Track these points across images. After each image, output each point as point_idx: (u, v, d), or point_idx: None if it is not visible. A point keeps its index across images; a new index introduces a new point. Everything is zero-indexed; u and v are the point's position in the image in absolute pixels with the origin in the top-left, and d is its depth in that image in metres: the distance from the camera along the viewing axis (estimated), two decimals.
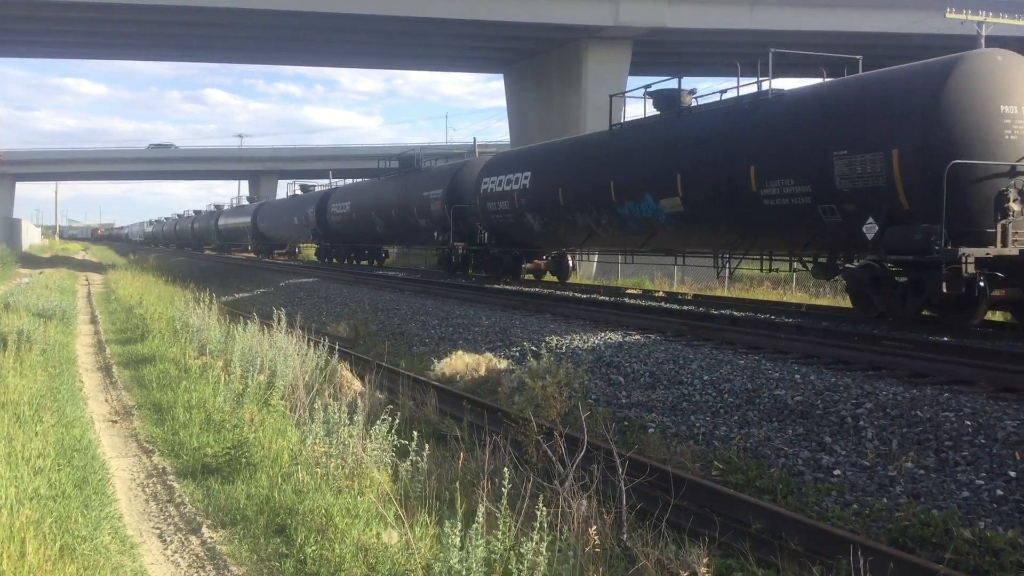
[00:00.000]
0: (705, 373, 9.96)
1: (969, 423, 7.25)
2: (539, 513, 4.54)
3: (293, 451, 7.32)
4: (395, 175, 32.02)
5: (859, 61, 14.88)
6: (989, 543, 5.60)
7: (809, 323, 13.20)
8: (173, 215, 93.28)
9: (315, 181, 56.44)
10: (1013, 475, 6.46)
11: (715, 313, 14.84)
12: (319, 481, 6.53)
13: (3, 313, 15.48)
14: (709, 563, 5.28)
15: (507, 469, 5.19)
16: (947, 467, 6.82)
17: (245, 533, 6.04)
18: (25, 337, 12.39)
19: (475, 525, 4.52)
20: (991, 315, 12.78)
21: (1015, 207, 11.14)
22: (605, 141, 19.28)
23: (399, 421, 7.24)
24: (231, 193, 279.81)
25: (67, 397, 10.09)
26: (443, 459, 7.42)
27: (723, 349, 11.22)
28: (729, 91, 16.10)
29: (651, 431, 8.81)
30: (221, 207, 70.40)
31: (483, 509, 4.66)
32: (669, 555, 5.48)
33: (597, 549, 5.08)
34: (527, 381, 10.36)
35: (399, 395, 9.95)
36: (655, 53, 42.99)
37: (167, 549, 5.86)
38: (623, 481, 6.02)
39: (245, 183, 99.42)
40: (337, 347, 11.24)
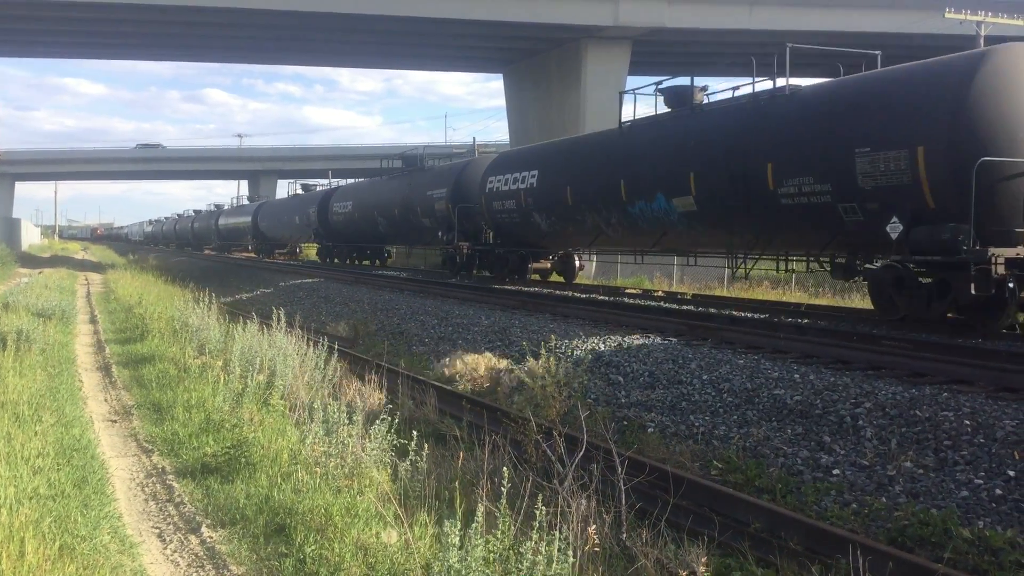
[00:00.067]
0: (704, 373, 9.96)
1: (968, 422, 7.26)
2: (538, 512, 4.55)
3: (292, 451, 7.32)
4: (398, 174, 31.79)
5: (877, 57, 14.47)
6: (988, 542, 5.60)
7: (810, 323, 13.21)
8: (173, 215, 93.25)
9: (315, 181, 56.41)
10: (1012, 474, 6.46)
11: (714, 313, 14.84)
12: (318, 481, 6.53)
13: (2, 313, 15.49)
14: (708, 562, 5.29)
15: (506, 469, 5.19)
16: (946, 466, 6.82)
17: (244, 532, 6.05)
18: (24, 337, 12.39)
19: (474, 524, 4.52)
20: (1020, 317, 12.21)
21: None
22: (615, 139, 18.85)
23: (399, 421, 7.24)
24: (230, 193, 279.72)
25: (66, 397, 10.09)
26: (442, 459, 7.42)
27: (722, 349, 11.22)
28: (741, 88, 15.77)
29: (650, 431, 8.81)
30: (221, 207, 70.25)
31: (482, 508, 4.66)
32: (668, 554, 5.49)
33: (596, 548, 5.09)
34: (526, 381, 10.36)
35: (398, 395, 9.96)
36: (655, 53, 43.00)
37: (166, 548, 5.87)
38: (622, 480, 6.03)
39: (244, 183, 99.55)
40: (336, 347, 11.24)
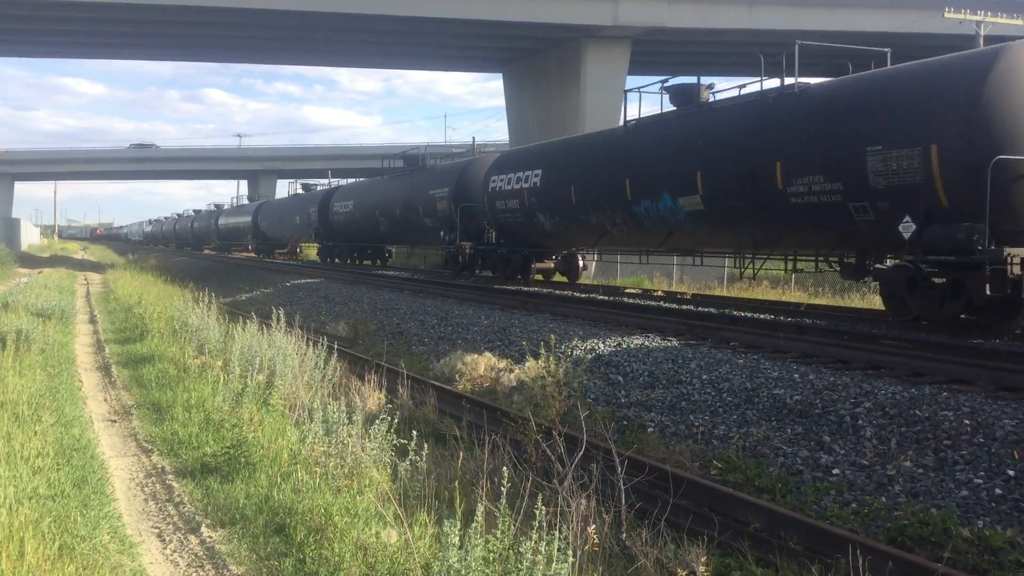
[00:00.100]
0: (704, 372, 9.96)
1: (968, 422, 7.26)
2: (538, 512, 4.54)
3: (292, 450, 7.32)
4: (400, 174, 31.56)
5: (887, 55, 14.27)
6: (988, 542, 5.61)
7: (809, 322, 13.20)
8: (172, 215, 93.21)
9: (315, 181, 56.41)
10: (1012, 474, 6.46)
11: (714, 312, 14.84)
12: (318, 480, 6.53)
13: (2, 313, 15.49)
14: (708, 562, 5.29)
15: (506, 468, 5.19)
16: (946, 466, 6.82)
17: (244, 532, 6.04)
18: (24, 337, 12.40)
19: (474, 524, 4.52)
20: None
21: None
22: (620, 138, 18.61)
23: (398, 420, 7.24)
24: (230, 193, 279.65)
25: (66, 396, 10.08)
26: (442, 458, 7.42)
27: (722, 348, 11.22)
28: (748, 86, 15.62)
29: (650, 430, 8.81)
30: (221, 206, 70.14)
31: (482, 508, 4.66)
32: (668, 554, 5.49)
33: (596, 548, 5.09)
34: (526, 380, 10.37)
35: (398, 394, 9.95)
36: (654, 53, 42.99)
37: (166, 548, 5.86)
38: (622, 480, 6.03)
39: (244, 183, 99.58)
40: (336, 346, 11.23)
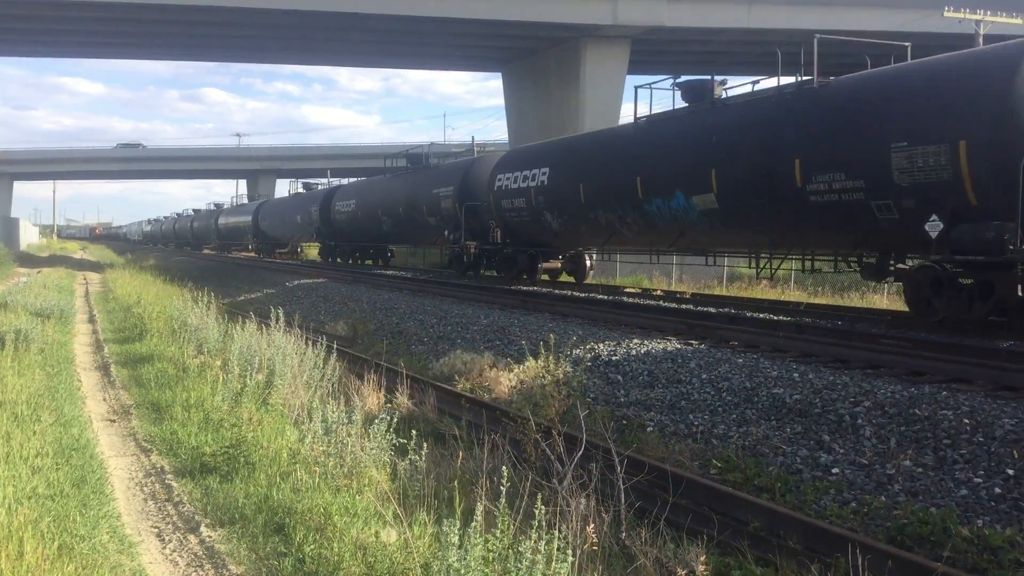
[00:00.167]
0: (703, 372, 9.96)
1: (967, 421, 7.26)
2: (538, 512, 4.54)
3: (292, 450, 7.31)
4: (403, 172, 31.21)
5: (907, 48, 13.95)
6: (987, 541, 5.61)
7: (809, 321, 13.20)
8: (172, 214, 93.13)
9: (315, 180, 56.32)
10: (1011, 473, 6.47)
11: (713, 312, 14.85)
12: (317, 480, 6.52)
13: (1, 312, 15.49)
14: (707, 561, 5.29)
15: (505, 468, 5.18)
16: (945, 465, 6.82)
17: (243, 532, 6.04)
18: (23, 336, 12.39)
19: (473, 524, 4.51)
20: None
21: None
22: (631, 135, 18.26)
23: (397, 420, 7.24)
24: (229, 192, 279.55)
25: (65, 396, 10.08)
26: (442, 458, 7.42)
27: (721, 348, 11.22)
28: (761, 83, 15.44)
29: (649, 430, 8.82)
30: (221, 206, 69.91)
31: (481, 508, 4.65)
32: (667, 553, 5.49)
33: (595, 547, 5.08)
34: (525, 380, 10.36)
35: (397, 394, 9.95)
36: (653, 52, 42.97)
37: (165, 548, 5.86)
38: (621, 480, 6.02)
39: (243, 182, 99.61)
40: (335, 346, 11.23)
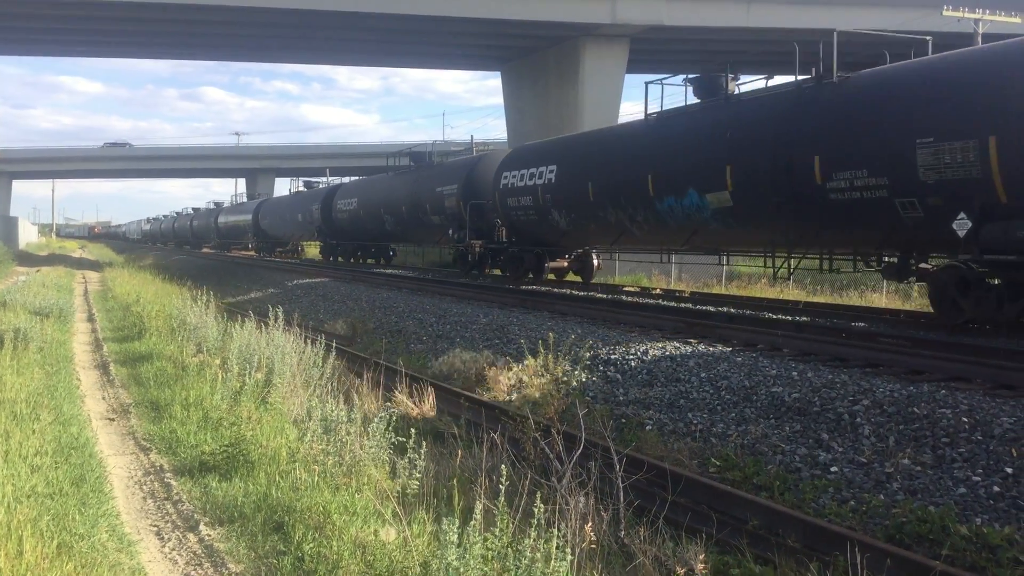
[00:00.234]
0: (702, 370, 9.97)
1: (966, 420, 7.26)
2: (537, 510, 4.55)
3: (291, 448, 7.31)
4: (406, 170, 30.93)
5: (928, 42, 13.69)
6: (986, 539, 5.62)
7: (808, 320, 13.20)
8: (171, 213, 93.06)
9: (315, 179, 56.22)
10: (1009, 472, 6.47)
11: (712, 311, 14.85)
12: (317, 479, 6.53)
13: (0, 311, 15.48)
14: (706, 560, 5.30)
15: (505, 466, 5.19)
16: (944, 464, 6.83)
17: (243, 530, 6.04)
18: (22, 335, 12.39)
19: (473, 522, 4.52)
20: None
21: None
22: (641, 131, 17.87)
23: (396, 418, 7.24)
24: (228, 191, 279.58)
25: (64, 395, 10.07)
26: (441, 456, 7.43)
27: (720, 346, 11.23)
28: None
29: (648, 428, 8.82)
30: (221, 204, 69.76)
31: (481, 506, 4.66)
32: (666, 552, 5.49)
33: (593, 545, 5.09)
34: (524, 378, 10.37)
35: (396, 393, 9.95)
36: (652, 51, 42.96)
37: (165, 547, 5.86)
38: (620, 478, 6.03)
39: (242, 181, 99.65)
40: (334, 345, 11.23)
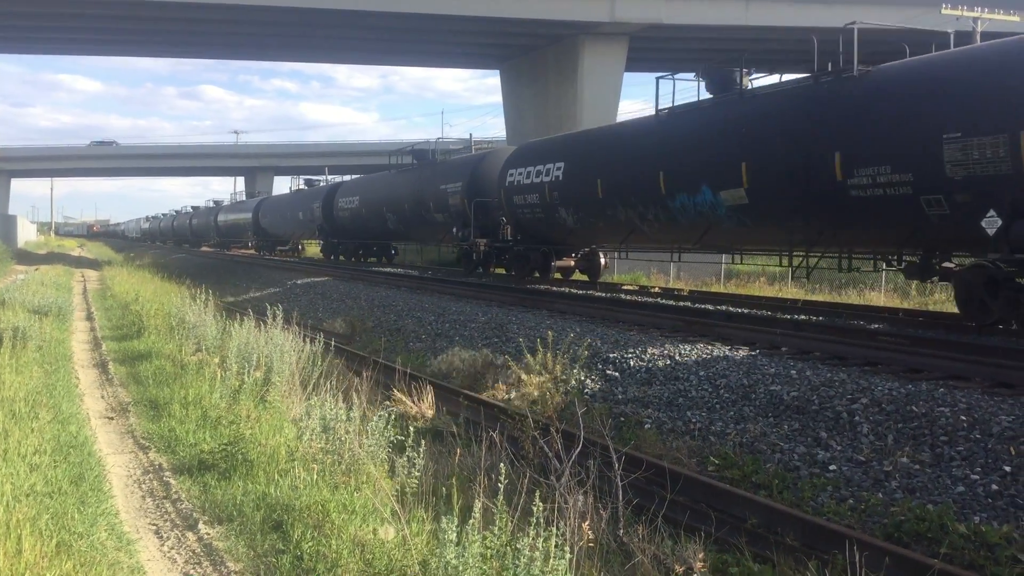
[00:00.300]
0: (701, 369, 9.97)
1: (964, 418, 7.27)
2: (535, 509, 4.55)
3: (290, 447, 7.32)
4: (408, 168, 30.63)
5: (950, 36, 13.34)
6: (984, 538, 5.63)
7: (806, 319, 13.21)
8: (171, 211, 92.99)
9: (316, 177, 56.15)
10: (1008, 470, 6.48)
11: (711, 309, 14.85)
12: (315, 477, 6.53)
13: None
14: (705, 558, 5.31)
15: (503, 465, 5.19)
16: (942, 462, 6.84)
17: (242, 529, 6.04)
18: (21, 334, 12.38)
19: (471, 521, 4.52)
20: None
21: None
22: (653, 127, 17.53)
23: (395, 417, 7.24)
24: (227, 189, 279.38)
25: (63, 393, 10.07)
26: (440, 455, 7.44)
27: (719, 345, 11.23)
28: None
29: (647, 427, 8.83)
30: (220, 203, 69.60)
31: (479, 505, 4.66)
32: (665, 550, 5.50)
33: (592, 544, 5.10)
34: (524, 377, 10.37)
35: (395, 392, 9.96)
36: (651, 49, 42.98)
37: (164, 545, 5.86)
38: (619, 476, 6.04)
39: (241, 179, 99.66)
40: (333, 343, 11.24)
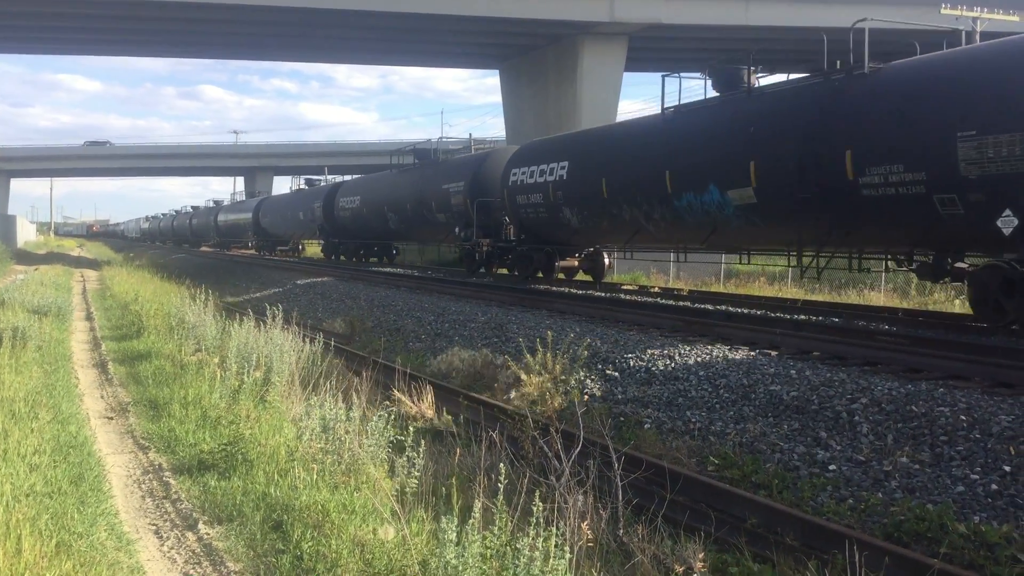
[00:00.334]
0: (700, 368, 9.97)
1: (964, 418, 7.27)
2: (535, 509, 4.55)
3: (290, 447, 7.31)
4: (410, 168, 30.48)
5: (962, 34, 13.16)
6: (984, 537, 5.63)
7: (806, 319, 13.21)
8: (170, 211, 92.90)
9: (316, 177, 56.09)
10: (1008, 470, 6.48)
11: (711, 309, 14.86)
12: (315, 477, 6.53)
13: None
14: (705, 558, 5.31)
15: (503, 465, 5.19)
16: (942, 462, 6.84)
17: (241, 529, 6.04)
18: (20, 334, 12.38)
19: (471, 521, 4.52)
20: None
21: None
22: (658, 126, 17.33)
23: (395, 417, 7.24)
24: (227, 189, 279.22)
25: (63, 393, 10.07)
26: (440, 455, 7.43)
27: (718, 344, 11.23)
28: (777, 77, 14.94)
29: (647, 427, 8.83)
30: (220, 203, 69.50)
31: (479, 505, 4.66)
32: (665, 550, 5.50)
33: (591, 544, 5.10)
34: (523, 377, 10.37)
35: (395, 391, 9.95)
36: (651, 49, 42.97)
37: (163, 545, 5.86)
38: (619, 476, 6.04)
39: (241, 179, 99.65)
40: (333, 343, 11.24)
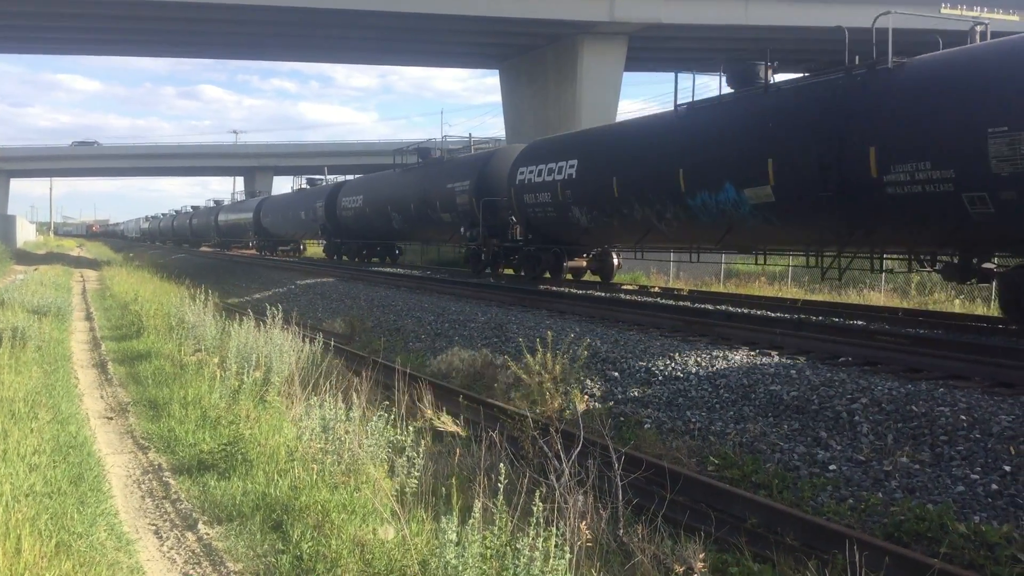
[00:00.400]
0: (700, 368, 9.97)
1: (964, 418, 7.27)
2: (535, 509, 4.55)
3: (289, 447, 7.31)
4: (414, 167, 30.23)
5: (975, 33, 12.89)
6: (984, 537, 5.63)
7: (806, 318, 13.20)
8: (170, 211, 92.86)
9: (317, 176, 56.03)
10: (1008, 469, 6.48)
11: (711, 309, 14.86)
12: (315, 477, 6.53)
13: None
14: (705, 558, 5.30)
15: (503, 465, 5.19)
16: (942, 462, 6.84)
17: (241, 529, 6.04)
18: (20, 334, 12.37)
19: (471, 521, 4.52)
20: None
21: None
22: (671, 123, 16.97)
23: (395, 417, 7.24)
24: (226, 189, 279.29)
25: (62, 394, 10.07)
26: (440, 455, 7.43)
27: (719, 345, 11.23)
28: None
29: (647, 427, 8.83)
30: (221, 202, 69.42)
31: (479, 505, 4.66)
32: (665, 550, 5.50)
33: (591, 544, 5.09)
34: (523, 377, 10.36)
35: (395, 391, 9.95)
36: (650, 49, 42.98)
37: (163, 545, 5.86)
38: (619, 476, 6.03)
39: (240, 179, 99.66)
40: (332, 343, 11.24)
